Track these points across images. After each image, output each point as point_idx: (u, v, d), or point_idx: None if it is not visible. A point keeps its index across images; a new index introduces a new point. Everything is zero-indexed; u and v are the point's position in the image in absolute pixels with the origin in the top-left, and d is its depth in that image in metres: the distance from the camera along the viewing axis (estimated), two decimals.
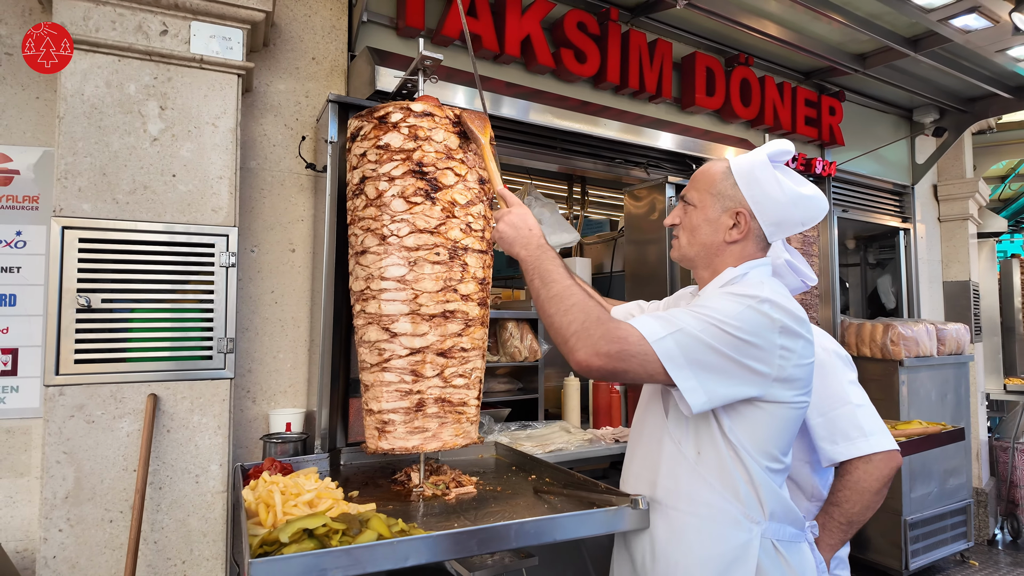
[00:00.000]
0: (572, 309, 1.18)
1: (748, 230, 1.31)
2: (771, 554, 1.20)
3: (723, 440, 1.22)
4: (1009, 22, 2.75)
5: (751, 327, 1.15)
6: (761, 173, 1.29)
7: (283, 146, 2.26)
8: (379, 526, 1.16)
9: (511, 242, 1.34)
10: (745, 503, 1.21)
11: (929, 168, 4.80)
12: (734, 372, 1.15)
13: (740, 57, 3.50)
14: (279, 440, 1.97)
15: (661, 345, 1.13)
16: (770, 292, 1.19)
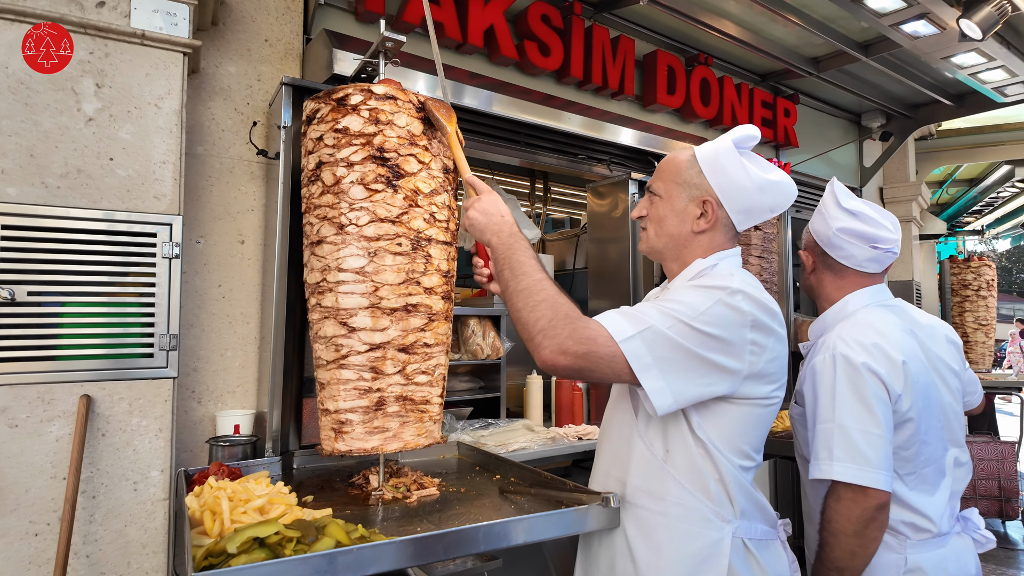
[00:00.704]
0: (541, 305, 1.14)
1: (716, 219, 1.28)
2: (742, 553, 1.18)
3: (692, 437, 1.19)
4: (955, 29, 2.84)
5: (721, 322, 1.12)
6: (727, 160, 1.26)
7: (233, 131, 2.14)
8: (337, 533, 1.08)
9: (482, 229, 1.28)
10: (716, 501, 1.18)
11: (876, 171, 4.97)
12: (703, 371, 1.12)
13: (700, 57, 3.53)
14: (227, 443, 1.85)
15: (629, 345, 1.09)
16: (741, 283, 1.17)
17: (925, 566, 1.41)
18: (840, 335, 1.47)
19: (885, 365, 1.39)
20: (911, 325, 1.55)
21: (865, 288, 1.58)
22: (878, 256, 1.55)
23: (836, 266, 1.60)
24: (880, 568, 1.41)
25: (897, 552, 1.42)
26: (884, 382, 1.38)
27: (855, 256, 1.56)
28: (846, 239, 1.55)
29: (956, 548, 1.46)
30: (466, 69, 2.68)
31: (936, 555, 1.43)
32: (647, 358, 1.09)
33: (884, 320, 1.50)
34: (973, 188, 6.99)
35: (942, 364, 1.54)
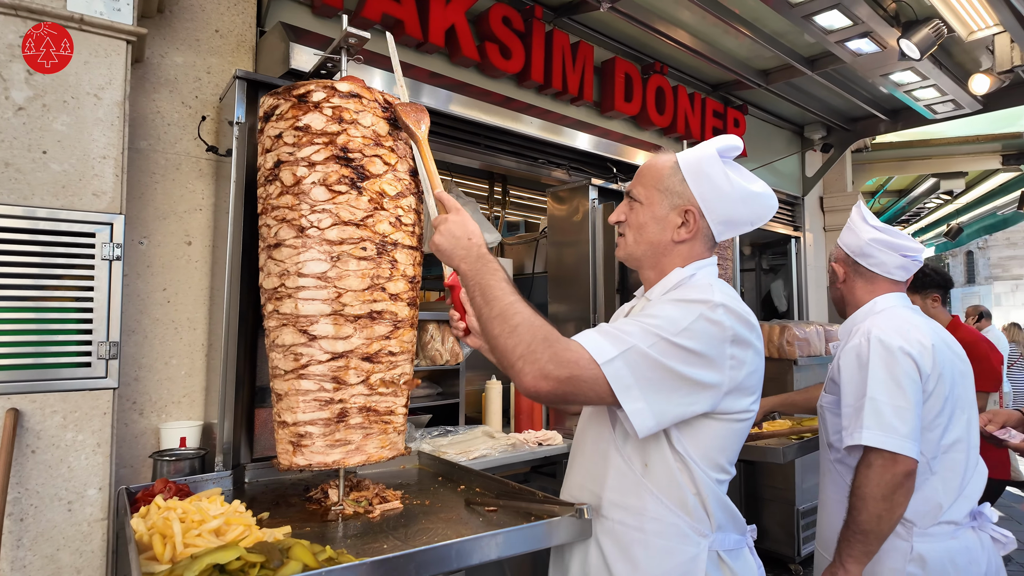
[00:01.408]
0: (517, 330, 1.08)
1: (697, 229, 1.26)
2: (716, 565, 1.17)
3: (671, 452, 1.17)
4: (895, 48, 2.99)
5: (703, 337, 1.10)
6: (711, 169, 1.24)
7: (179, 126, 2.02)
8: (304, 555, 1.02)
9: (449, 255, 1.21)
10: (693, 516, 1.17)
11: (817, 181, 5.18)
12: (685, 390, 1.10)
13: (656, 65, 3.59)
14: (173, 457, 1.73)
15: (610, 368, 1.06)
16: (721, 295, 1.15)
17: (930, 556, 1.47)
18: (875, 323, 1.60)
19: (917, 347, 1.51)
20: (934, 326, 1.67)
21: (892, 293, 1.72)
22: (906, 264, 1.69)
23: (867, 274, 1.73)
24: (886, 553, 1.49)
25: (904, 540, 1.50)
26: (916, 362, 1.50)
27: (886, 264, 1.69)
28: (877, 248, 1.68)
29: (967, 542, 1.52)
30: (426, 68, 2.63)
31: (944, 547, 1.49)
32: (628, 379, 1.06)
33: (912, 316, 1.64)
34: (902, 199, 7.39)
35: (964, 365, 1.66)
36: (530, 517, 1.36)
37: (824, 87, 4.08)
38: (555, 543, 1.27)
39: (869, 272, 1.72)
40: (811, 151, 5.17)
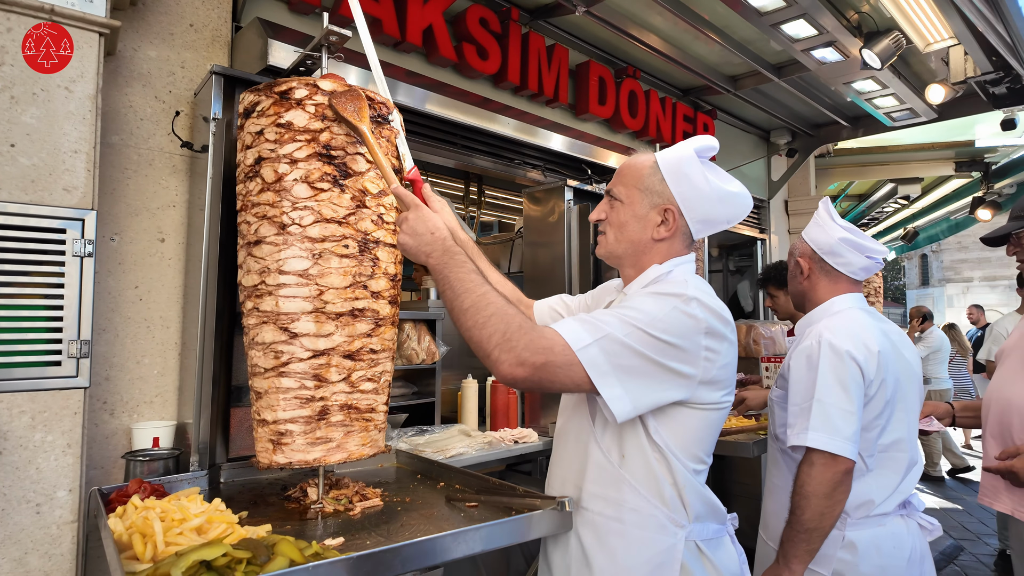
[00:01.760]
0: (490, 320, 1.10)
1: (676, 227, 1.29)
2: (695, 555, 1.20)
3: (649, 443, 1.20)
4: (857, 58, 3.10)
5: (677, 329, 1.14)
6: (689, 169, 1.27)
7: (153, 121, 1.98)
8: (290, 551, 1.02)
9: (415, 252, 1.21)
10: (670, 506, 1.20)
11: (782, 185, 5.33)
12: (660, 377, 1.14)
13: (629, 70, 3.65)
14: (146, 458, 1.70)
15: (586, 354, 1.09)
16: (695, 290, 1.19)
17: (858, 542, 1.56)
18: (827, 326, 1.65)
19: (863, 352, 1.57)
20: (885, 329, 1.73)
21: (850, 294, 1.77)
22: (869, 266, 1.74)
23: (832, 272, 1.77)
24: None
25: (838, 529, 1.58)
26: (861, 367, 1.56)
27: (852, 264, 1.73)
28: (846, 248, 1.72)
29: (894, 529, 1.60)
30: (403, 67, 2.63)
31: (871, 533, 1.57)
32: (605, 366, 1.09)
33: (865, 320, 1.69)
34: (862, 203, 7.65)
35: (910, 368, 1.72)
36: (511, 512, 1.37)
37: (790, 94, 4.20)
38: (538, 535, 1.29)
39: (834, 271, 1.76)
40: (777, 155, 5.31)
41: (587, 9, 2.89)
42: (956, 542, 4.85)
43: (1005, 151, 5.92)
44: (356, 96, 1.34)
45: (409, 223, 1.22)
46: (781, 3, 2.70)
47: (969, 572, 4.26)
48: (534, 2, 3.04)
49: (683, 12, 2.98)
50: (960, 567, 4.35)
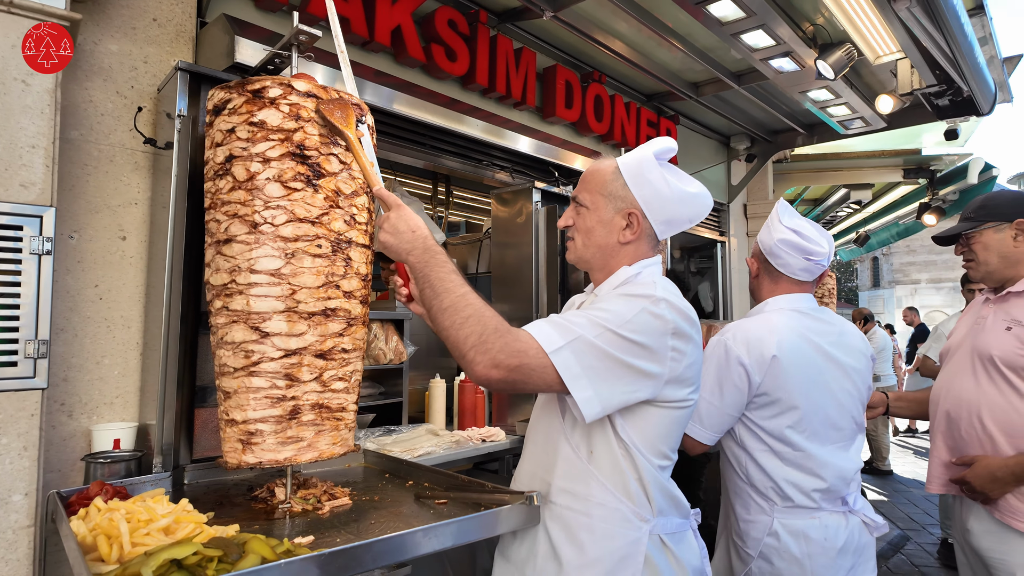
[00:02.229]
0: (468, 321, 1.13)
1: (641, 230, 1.33)
2: (658, 548, 1.24)
3: (616, 440, 1.24)
4: (813, 68, 3.23)
5: (645, 329, 1.18)
6: (650, 173, 1.32)
7: (114, 116, 1.94)
8: (261, 548, 1.03)
9: (396, 250, 1.24)
10: (635, 501, 1.24)
11: (741, 189, 5.49)
12: (629, 378, 1.17)
13: (594, 74, 3.72)
14: (107, 459, 1.67)
15: (559, 357, 1.12)
16: (663, 291, 1.23)
17: (783, 530, 1.67)
18: (739, 326, 1.74)
19: (756, 358, 1.66)
20: (816, 330, 1.77)
21: (790, 295, 1.82)
22: (810, 267, 1.79)
23: (774, 272, 1.83)
24: (753, 526, 1.71)
25: (767, 514, 1.69)
26: (747, 371, 1.66)
27: (791, 265, 1.78)
28: (784, 249, 1.77)
29: (826, 521, 1.67)
30: (372, 67, 2.63)
31: (800, 523, 1.67)
32: (576, 368, 1.13)
33: (781, 323, 1.73)
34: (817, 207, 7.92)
35: (836, 367, 1.76)
36: (480, 507, 1.39)
37: (749, 101, 4.34)
38: (507, 530, 1.32)
39: (776, 271, 1.82)
40: (736, 160, 5.47)
41: (554, 14, 2.94)
42: (902, 532, 5.08)
43: (949, 160, 6.22)
44: (343, 103, 1.37)
45: (391, 222, 1.24)
46: (741, 14, 2.80)
47: (914, 560, 4.47)
48: (502, 5, 3.07)
49: (647, 19, 3.06)
50: (906, 556, 4.56)
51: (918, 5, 2.46)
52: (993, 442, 1.75)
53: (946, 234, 1.98)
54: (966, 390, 1.85)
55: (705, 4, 2.71)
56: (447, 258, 1.24)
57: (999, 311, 1.84)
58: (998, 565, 1.72)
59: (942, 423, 1.92)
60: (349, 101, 1.41)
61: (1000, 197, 1.90)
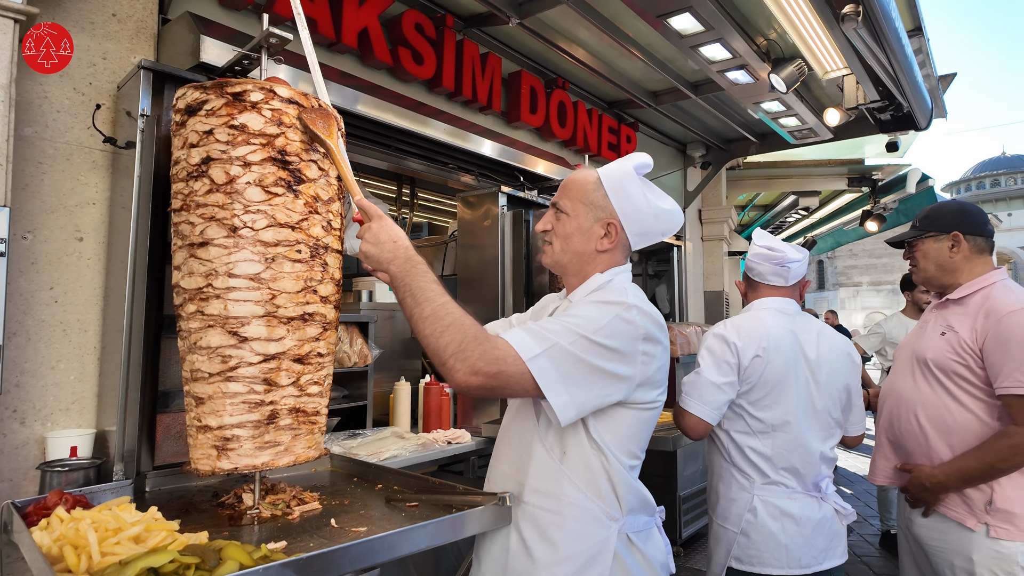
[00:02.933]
0: (449, 329, 1.17)
1: (618, 240, 1.38)
2: (626, 546, 1.30)
3: (588, 441, 1.29)
4: (766, 81, 3.37)
5: (618, 335, 1.23)
6: (630, 186, 1.37)
7: (71, 113, 1.88)
8: (238, 555, 1.03)
9: (378, 260, 1.26)
10: (606, 501, 1.28)
11: (697, 195, 5.66)
12: (603, 382, 1.22)
13: (558, 81, 3.78)
14: (65, 468, 1.62)
15: (536, 364, 1.16)
16: (634, 298, 1.29)
17: (761, 506, 1.85)
18: (730, 320, 1.96)
19: (744, 340, 1.85)
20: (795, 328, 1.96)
21: (771, 298, 2.02)
22: (777, 270, 1.98)
23: (753, 282, 2.08)
24: (735, 504, 1.89)
25: (747, 491, 1.87)
26: (739, 351, 1.84)
27: (763, 272, 2.01)
28: (755, 260, 2.03)
29: (800, 503, 1.85)
30: (338, 68, 2.61)
31: (777, 501, 1.84)
32: (552, 374, 1.17)
33: (766, 318, 1.94)
34: (768, 212, 8.23)
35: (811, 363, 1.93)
36: (451, 509, 1.41)
37: (705, 110, 4.49)
38: (480, 530, 1.34)
39: (753, 280, 2.07)
40: (692, 167, 5.64)
41: (520, 21, 2.98)
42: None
43: (890, 169, 6.56)
44: (324, 113, 1.37)
45: (372, 232, 1.26)
46: (700, 27, 2.90)
47: (857, 550, 4.69)
48: (468, 10, 3.09)
49: (610, 29, 3.13)
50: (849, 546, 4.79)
51: (864, 26, 2.61)
52: (927, 438, 1.88)
53: (897, 239, 2.13)
54: (905, 390, 1.97)
55: (666, 17, 2.80)
56: (427, 268, 1.26)
57: (939, 317, 1.97)
58: (936, 553, 1.84)
59: (885, 420, 2.04)
60: (332, 112, 1.42)
61: (943, 208, 2.02)
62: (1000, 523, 1.74)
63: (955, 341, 1.85)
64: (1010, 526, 1.73)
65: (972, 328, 1.82)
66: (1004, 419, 1.77)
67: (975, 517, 1.77)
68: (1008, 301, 1.79)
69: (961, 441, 1.82)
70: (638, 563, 1.30)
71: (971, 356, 1.81)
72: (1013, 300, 1.78)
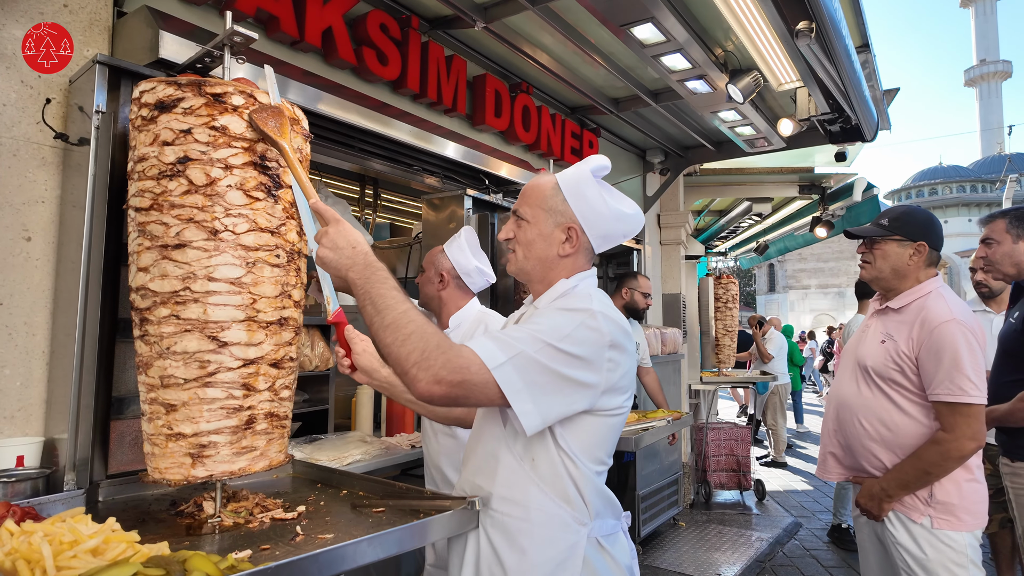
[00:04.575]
0: (411, 338, 1.14)
1: (579, 244, 1.39)
2: (595, 549, 1.31)
3: (556, 448, 1.29)
4: (723, 91, 3.48)
5: (584, 342, 1.23)
6: (587, 190, 1.38)
7: (18, 107, 1.79)
8: (204, 565, 1.01)
9: (336, 265, 1.22)
10: (574, 506, 1.29)
11: (655, 200, 5.78)
12: (568, 390, 1.22)
13: (522, 85, 3.81)
14: (12, 478, 1.54)
15: (501, 372, 1.15)
16: (599, 304, 1.30)
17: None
18: None
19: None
20: None
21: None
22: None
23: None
24: None
25: None
26: None
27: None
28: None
29: None
30: (301, 67, 2.57)
31: None
32: (518, 383, 1.16)
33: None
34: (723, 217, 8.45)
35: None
36: (418, 514, 1.41)
37: (664, 118, 4.59)
38: (450, 534, 1.35)
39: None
40: (651, 173, 5.75)
41: (485, 25, 2.99)
42: (795, 519, 5.52)
43: (838, 178, 6.84)
44: (277, 112, 1.34)
45: (330, 237, 1.22)
46: (661, 37, 2.97)
47: (806, 544, 4.87)
48: (434, 12, 3.09)
49: (573, 35, 3.18)
50: (799, 541, 4.97)
51: (816, 41, 2.72)
52: (871, 441, 1.97)
53: (858, 232, 2.12)
54: (849, 395, 2.07)
55: (629, 26, 2.85)
56: (388, 274, 1.23)
57: (879, 324, 2.06)
58: (891, 546, 1.94)
59: (832, 420, 2.14)
60: (284, 110, 1.38)
61: (915, 215, 2.05)
62: (942, 515, 1.84)
63: (893, 349, 1.95)
64: (952, 517, 1.83)
65: (909, 337, 1.92)
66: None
67: (918, 510, 1.87)
68: (941, 311, 1.87)
69: (902, 444, 1.91)
70: (607, 566, 1.32)
71: (907, 364, 1.91)
72: (946, 310, 1.87)
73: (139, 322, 1.36)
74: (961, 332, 1.82)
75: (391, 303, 1.18)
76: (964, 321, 1.85)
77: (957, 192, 45.67)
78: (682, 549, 4.70)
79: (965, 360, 1.79)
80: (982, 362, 1.84)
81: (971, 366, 1.79)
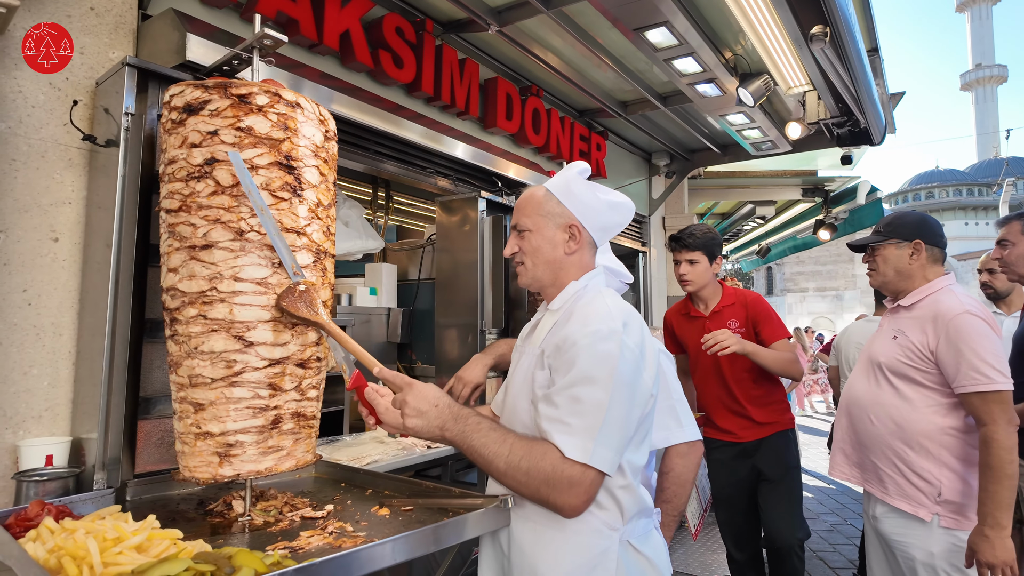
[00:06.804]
0: (529, 476, 1.20)
1: (582, 239, 1.43)
2: (628, 553, 1.32)
3: None
4: (734, 95, 3.50)
5: (630, 370, 1.25)
6: (577, 187, 1.43)
7: (46, 109, 1.81)
8: (252, 561, 1.02)
9: (428, 433, 1.25)
10: (607, 512, 1.30)
11: (661, 203, 5.80)
12: (637, 415, 1.28)
13: (533, 88, 3.83)
14: (43, 477, 1.55)
15: (597, 459, 1.19)
16: (619, 313, 1.30)
17: None
18: None
19: None
20: None
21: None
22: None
23: None
24: None
25: None
26: None
27: None
28: None
29: None
30: (318, 69, 2.59)
31: None
32: (611, 454, 1.21)
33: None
34: (726, 220, 8.49)
35: None
36: (447, 512, 1.43)
37: (671, 121, 4.61)
38: (482, 532, 1.36)
39: None
40: (657, 176, 5.78)
41: (499, 28, 3.01)
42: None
43: (841, 181, 6.87)
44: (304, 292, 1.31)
45: (411, 405, 1.23)
46: (674, 41, 2.99)
47: (812, 546, 4.88)
48: (448, 16, 3.11)
49: (586, 39, 3.20)
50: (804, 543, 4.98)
51: (830, 45, 2.74)
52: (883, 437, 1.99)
53: (858, 243, 2.21)
54: (861, 391, 2.09)
55: (643, 30, 2.87)
56: (476, 416, 1.26)
57: (892, 322, 2.10)
58: (898, 546, 1.95)
59: (845, 419, 2.16)
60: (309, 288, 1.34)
61: (906, 218, 2.13)
62: (949, 513, 1.85)
63: (906, 345, 1.97)
64: (959, 516, 1.84)
65: (922, 332, 1.94)
66: (951, 416, 1.88)
67: (926, 508, 1.88)
68: (953, 305, 1.90)
69: (908, 439, 1.93)
70: (641, 567, 1.33)
71: (920, 359, 1.93)
72: (957, 304, 1.90)
73: (169, 322, 1.38)
74: (977, 322, 1.84)
75: (495, 449, 1.23)
76: (978, 312, 1.87)
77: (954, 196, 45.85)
78: (688, 550, 4.72)
79: (985, 348, 1.80)
80: (1001, 350, 1.85)
81: (992, 353, 1.80)
